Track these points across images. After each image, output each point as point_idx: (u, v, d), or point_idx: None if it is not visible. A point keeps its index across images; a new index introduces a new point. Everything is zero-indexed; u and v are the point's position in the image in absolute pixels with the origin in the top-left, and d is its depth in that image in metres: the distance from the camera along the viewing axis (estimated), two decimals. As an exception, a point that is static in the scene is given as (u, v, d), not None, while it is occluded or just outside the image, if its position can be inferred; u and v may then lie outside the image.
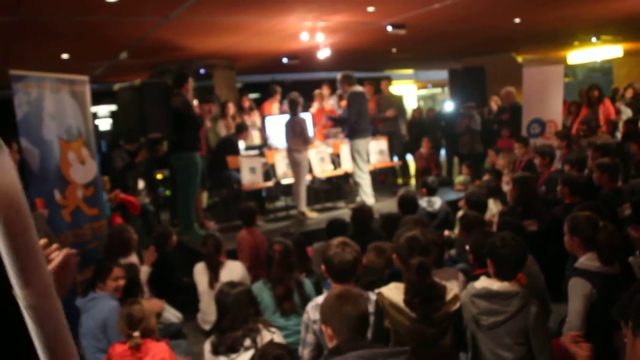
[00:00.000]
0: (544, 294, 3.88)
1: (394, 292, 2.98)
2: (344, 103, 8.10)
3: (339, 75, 7.95)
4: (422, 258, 2.95)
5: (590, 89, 10.71)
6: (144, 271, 5.03)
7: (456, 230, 5.84)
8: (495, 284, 3.04)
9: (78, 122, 5.51)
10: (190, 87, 7.12)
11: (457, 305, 2.98)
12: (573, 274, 3.42)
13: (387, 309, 2.93)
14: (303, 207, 7.80)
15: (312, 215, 7.86)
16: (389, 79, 10.89)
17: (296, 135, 7.57)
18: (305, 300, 3.98)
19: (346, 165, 8.63)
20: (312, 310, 3.23)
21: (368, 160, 8.34)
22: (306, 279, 4.25)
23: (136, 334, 3.28)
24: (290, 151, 7.66)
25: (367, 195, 7.93)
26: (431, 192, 6.57)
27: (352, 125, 7.79)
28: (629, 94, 11.20)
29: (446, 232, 6.09)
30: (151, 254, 5.18)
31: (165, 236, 5.70)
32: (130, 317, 3.34)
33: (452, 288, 3.06)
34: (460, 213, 5.95)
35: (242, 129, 8.74)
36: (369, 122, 8.28)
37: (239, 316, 3.28)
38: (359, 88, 7.96)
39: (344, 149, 8.70)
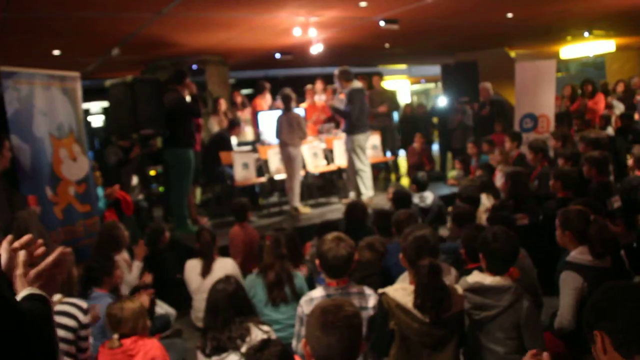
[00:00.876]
0: (536, 288, 3.90)
1: (400, 293, 2.92)
2: (342, 97, 8.10)
3: (336, 71, 7.92)
4: (432, 259, 2.90)
5: (584, 83, 10.76)
6: (136, 266, 5.03)
7: (448, 224, 5.87)
8: (487, 279, 3.04)
9: (69, 119, 5.49)
10: (187, 84, 7.09)
11: (464, 304, 2.96)
12: (564, 268, 3.43)
13: (394, 311, 2.86)
14: (297, 202, 7.80)
15: (305, 210, 7.86)
16: (380, 75, 10.87)
17: (293, 130, 7.56)
18: (296, 292, 4.04)
19: (339, 161, 8.63)
20: (306, 304, 3.23)
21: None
22: (298, 272, 4.26)
23: (115, 335, 3.26)
24: (285, 146, 7.63)
25: (367, 188, 7.93)
26: (421, 187, 6.59)
27: (354, 121, 7.79)
28: (620, 88, 11.24)
29: (441, 233, 6.09)
30: (141, 249, 5.18)
31: (158, 233, 5.69)
32: (109, 318, 3.33)
33: (457, 287, 3.04)
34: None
35: (234, 125, 8.71)
36: (367, 117, 8.32)
37: (219, 317, 3.25)
38: (358, 84, 7.95)
39: (337, 145, 8.70)
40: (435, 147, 11.91)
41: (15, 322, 1.25)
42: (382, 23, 8.31)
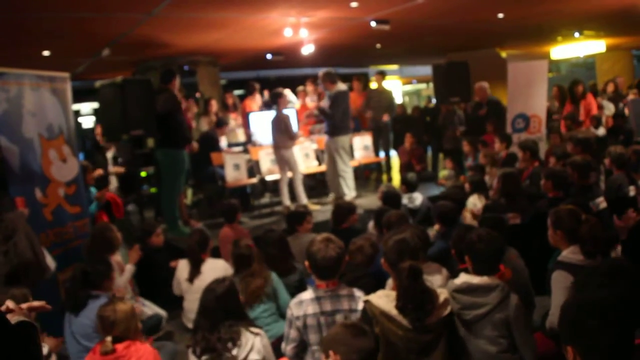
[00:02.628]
0: (528, 288, 3.90)
1: (383, 300, 2.90)
2: (323, 102, 8.11)
3: (320, 73, 7.93)
4: (412, 262, 2.90)
5: (573, 84, 10.78)
6: (128, 270, 4.99)
7: (436, 227, 5.89)
8: (475, 279, 3.04)
9: (59, 120, 5.44)
10: (177, 83, 7.07)
11: (449, 309, 2.94)
12: (556, 267, 3.43)
13: (378, 318, 2.85)
14: (304, 199, 7.83)
15: (315, 207, 7.90)
16: (382, 74, 10.76)
17: (281, 132, 7.56)
18: (274, 292, 4.12)
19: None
20: (295, 307, 3.22)
21: (353, 156, 8.39)
22: (271, 272, 4.28)
23: (108, 338, 3.19)
24: (277, 148, 7.62)
25: (349, 189, 7.97)
26: (411, 188, 6.60)
27: (337, 122, 7.81)
28: (610, 88, 11.27)
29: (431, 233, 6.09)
30: (136, 253, 5.15)
31: (151, 232, 5.70)
32: (101, 320, 3.26)
33: (442, 291, 3.02)
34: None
35: (221, 124, 8.68)
36: (350, 119, 8.37)
37: (208, 318, 3.23)
38: (342, 86, 7.98)
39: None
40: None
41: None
42: (373, 23, 8.32)
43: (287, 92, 9.12)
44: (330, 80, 7.85)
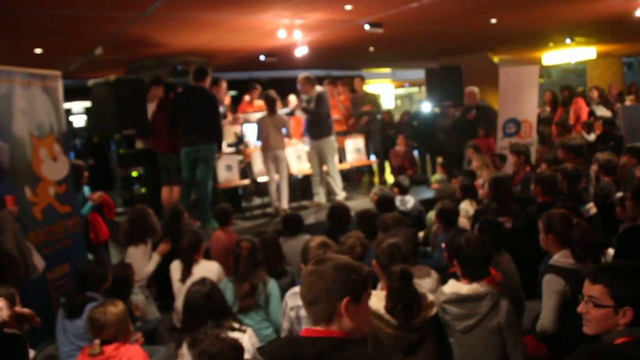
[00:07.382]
0: (519, 292, 3.92)
1: (373, 299, 2.93)
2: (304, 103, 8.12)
3: (300, 77, 7.99)
4: (404, 265, 2.93)
5: (561, 89, 10.86)
6: (155, 259, 5.16)
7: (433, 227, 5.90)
8: (464, 288, 3.04)
9: (50, 118, 5.42)
10: (209, 81, 7.36)
11: (434, 310, 2.97)
12: (547, 271, 3.45)
13: None
14: (286, 204, 7.80)
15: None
16: (361, 78, 10.85)
17: (280, 132, 7.57)
18: (267, 298, 4.06)
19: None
20: (290, 298, 3.29)
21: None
22: (272, 279, 4.25)
23: (97, 341, 3.18)
24: (272, 149, 7.58)
25: (339, 189, 8.00)
26: (403, 191, 6.62)
27: (323, 124, 7.86)
28: (595, 94, 11.37)
29: (420, 234, 6.11)
30: (166, 246, 5.28)
31: (178, 212, 5.89)
32: (91, 322, 3.25)
33: (428, 295, 3.06)
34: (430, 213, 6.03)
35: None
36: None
37: (192, 319, 3.24)
38: (321, 88, 8.08)
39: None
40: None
41: None
42: (366, 27, 8.32)
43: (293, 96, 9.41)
44: (311, 84, 7.94)
